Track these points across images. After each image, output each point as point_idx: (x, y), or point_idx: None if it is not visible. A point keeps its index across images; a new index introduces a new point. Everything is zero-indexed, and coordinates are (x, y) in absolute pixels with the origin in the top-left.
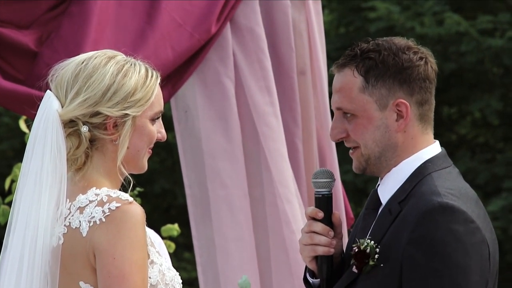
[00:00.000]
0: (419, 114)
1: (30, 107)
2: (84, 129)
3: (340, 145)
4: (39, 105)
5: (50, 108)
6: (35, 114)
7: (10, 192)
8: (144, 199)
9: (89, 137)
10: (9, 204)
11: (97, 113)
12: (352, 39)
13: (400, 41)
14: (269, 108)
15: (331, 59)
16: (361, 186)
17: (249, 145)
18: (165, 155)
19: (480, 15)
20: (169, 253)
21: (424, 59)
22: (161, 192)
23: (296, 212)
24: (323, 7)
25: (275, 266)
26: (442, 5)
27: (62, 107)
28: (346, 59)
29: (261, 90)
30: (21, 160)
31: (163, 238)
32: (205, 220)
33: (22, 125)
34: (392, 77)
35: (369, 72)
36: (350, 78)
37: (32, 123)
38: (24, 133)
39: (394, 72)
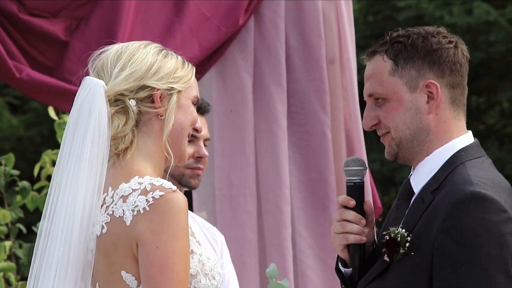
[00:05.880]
0: (451, 97)
1: (59, 98)
2: (132, 102)
3: (367, 135)
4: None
5: (94, 86)
6: (62, 106)
7: (39, 178)
8: None
9: (136, 112)
10: (38, 190)
11: (143, 87)
12: (381, 28)
13: (430, 27)
14: (281, 106)
15: (359, 47)
16: (388, 175)
17: (260, 143)
18: None
19: (510, 4)
20: None
21: (454, 43)
22: None
23: (289, 214)
24: None
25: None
26: None
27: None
28: (376, 46)
29: (276, 87)
30: (49, 147)
31: None
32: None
33: (51, 112)
34: (421, 59)
35: (398, 55)
36: (380, 63)
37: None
38: (53, 120)
39: (423, 54)
